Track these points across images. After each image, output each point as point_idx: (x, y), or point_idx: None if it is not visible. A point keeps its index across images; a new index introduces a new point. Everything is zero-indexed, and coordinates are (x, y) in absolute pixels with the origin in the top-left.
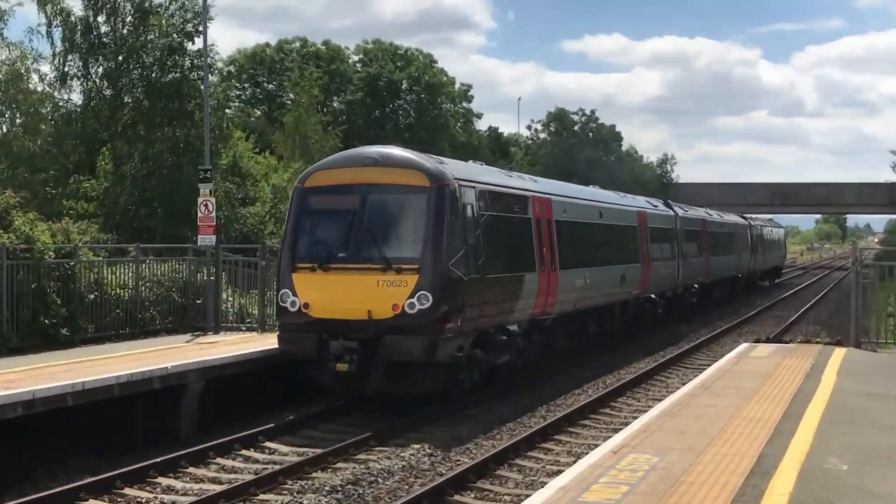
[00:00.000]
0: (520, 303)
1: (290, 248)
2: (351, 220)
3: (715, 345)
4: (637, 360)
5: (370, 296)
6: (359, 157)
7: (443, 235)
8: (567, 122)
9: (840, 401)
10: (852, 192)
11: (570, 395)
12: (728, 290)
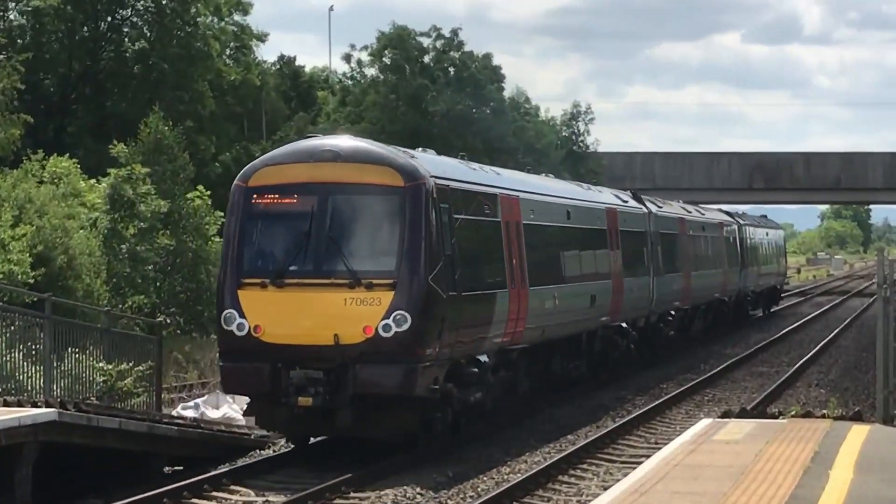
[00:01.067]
0: (491, 328)
1: (233, 261)
2: (309, 226)
3: (661, 419)
4: (546, 442)
5: (336, 316)
6: (315, 150)
7: (421, 244)
8: (411, 51)
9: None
10: (879, 168)
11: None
12: (710, 320)
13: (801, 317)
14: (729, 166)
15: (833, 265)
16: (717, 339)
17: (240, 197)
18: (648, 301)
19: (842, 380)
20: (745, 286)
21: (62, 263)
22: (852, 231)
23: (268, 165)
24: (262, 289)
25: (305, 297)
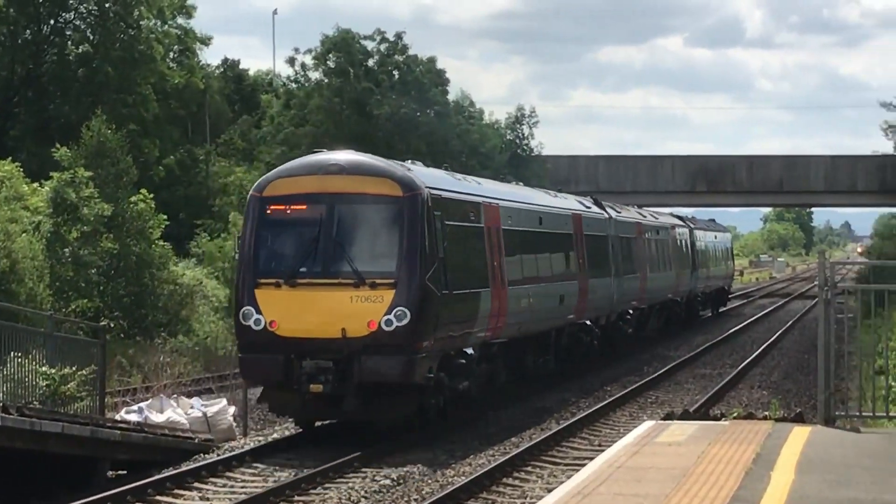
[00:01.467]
0: (476, 323)
1: (250, 263)
2: (318, 232)
3: (605, 421)
4: (490, 444)
5: (343, 313)
6: (323, 164)
7: (419, 248)
8: (355, 54)
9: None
10: (821, 171)
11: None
12: (664, 319)
13: (744, 319)
14: (672, 170)
15: (776, 268)
16: (660, 342)
17: (255, 206)
18: (610, 301)
19: (784, 381)
20: (696, 287)
21: (5, 267)
22: (794, 234)
23: (280, 178)
24: (277, 288)
25: (315, 295)
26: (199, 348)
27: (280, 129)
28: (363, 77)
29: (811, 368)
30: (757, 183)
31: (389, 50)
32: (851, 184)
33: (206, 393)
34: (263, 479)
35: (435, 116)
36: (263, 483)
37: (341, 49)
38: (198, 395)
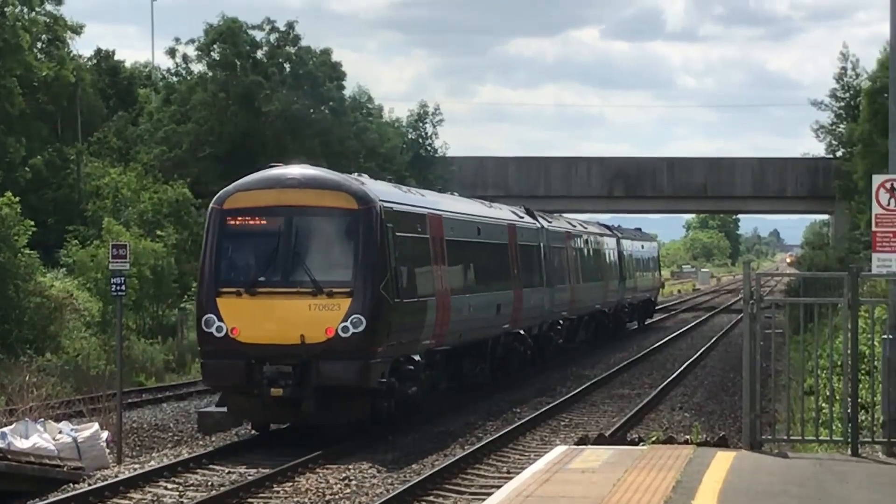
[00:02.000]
0: (423, 331)
1: (211, 272)
2: (277, 243)
3: (514, 445)
4: (389, 472)
5: (302, 320)
6: (280, 178)
7: (373, 258)
8: (242, 45)
9: None
10: (747, 175)
11: None
12: (592, 330)
13: (666, 334)
14: (588, 172)
15: (699, 279)
16: (575, 360)
17: (215, 218)
18: (542, 310)
19: (707, 403)
20: (624, 298)
21: None
22: (720, 242)
23: (240, 191)
24: (238, 297)
25: (275, 303)
26: (70, 367)
27: (159, 127)
28: (251, 70)
29: (736, 388)
30: (679, 187)
31: (280, 41)
32: (780, 189)
33: (77, 416)
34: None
35: (330, 113)
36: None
37: (227, 39)
38: (67, 418)
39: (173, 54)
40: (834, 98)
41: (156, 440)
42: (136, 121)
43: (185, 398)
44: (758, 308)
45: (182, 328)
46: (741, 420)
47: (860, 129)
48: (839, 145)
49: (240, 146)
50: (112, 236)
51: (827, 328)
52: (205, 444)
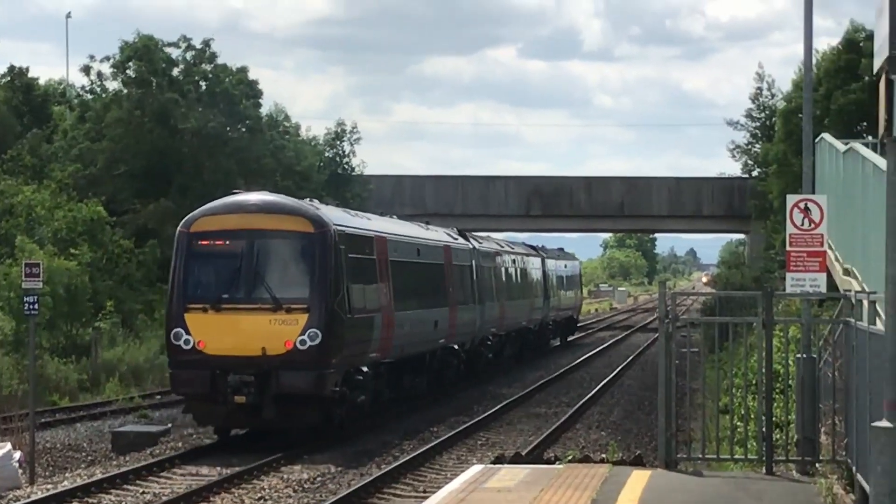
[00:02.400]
0: (371, 344)
1: (179, 290)
2: (240, 263)
3: (430, 465)
4: (304, 492)
5: (263, 333)
6: (242, 203)
7: (328, 277)
8: (158, 63)
9: None
10: (664, 194)
11: None
12: (518, 346)
13: (583, 353)
14: (505, 191)
15: (616, 297)
16: (492, 378)
17: (183, 240)
18: (474, 326)
19: (623, 421)
20: (548, 315)
21: None
22: (637, 261)
23: (206, 215)
24: (204, 312)
25: (238, 318)
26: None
27: (74, 144)
28: (167, 87)
29: (653, 407)
30: (596, 206)
31: (196, 58)
32: (697, 208)
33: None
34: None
35: (246, 132)
36: None
37: (143, 57)
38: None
39: (88, 72)
40: (750, 118)
41: (69, 460)
42: (50, 138)
43: (99, 418)
44: (673, 327)
45: (96, 347)
46: (657, 439)
47: (775, 150)
48: (755, 165)
49: (155, 164)
50: (25, 255)
51: (742, 347)
52: (119, 465)
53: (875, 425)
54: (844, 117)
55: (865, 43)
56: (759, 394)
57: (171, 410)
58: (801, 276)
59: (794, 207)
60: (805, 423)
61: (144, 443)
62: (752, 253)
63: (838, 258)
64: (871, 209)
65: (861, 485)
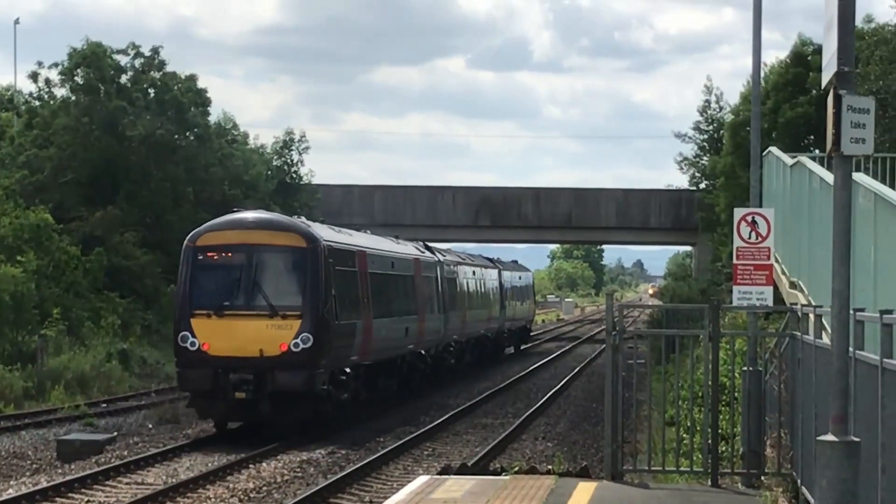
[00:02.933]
0: (353, 348)
1: (186, 298)
2: (240, 274)
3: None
4: (249, 502)
5: (260, 337)
6: (242, 220)
7: (319, 287)
8: (107, 70)
9: None
10: (612, 206)
11: None
12: (477, 353)
13: (530, 364)
14: (454, 201)
15: (564, 309)
16: (439, 389)
17: (189, 254)
18: (439, 334)
19: (570, 433)
20: (504, 324)
21: None
22: (584, 272)
23: (209, 231)
24: (208, 318)
25: (238, 323)
26: None
27: (21, 151)
28: (115, 95)
29: (599, 418)
30: (545, 218)
31: (145, 66)
32: (644, 220)
33: None
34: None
35: (195, 140)
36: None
37: (91, 64)
38: None
39: (35, 78)
40: (698, 131)
41: (14, 468)
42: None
43: (44, 426)
44: (620, 339)
45: (42, 355)
46: (603, 450)
47: (723, 162)
48: (702, 178)
49: (103, 171)
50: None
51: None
52: (64, 473)
53: (820, 439)
54: (792, 131)
55: (813, 57)
56: (705, 406)
57: (117, 419)
58: (748, 289)
59: (742, 221)
60: (751, 436)
61: (90, 451)
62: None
63: (785, 271)
64: (817, 223)
65: (806, 498)
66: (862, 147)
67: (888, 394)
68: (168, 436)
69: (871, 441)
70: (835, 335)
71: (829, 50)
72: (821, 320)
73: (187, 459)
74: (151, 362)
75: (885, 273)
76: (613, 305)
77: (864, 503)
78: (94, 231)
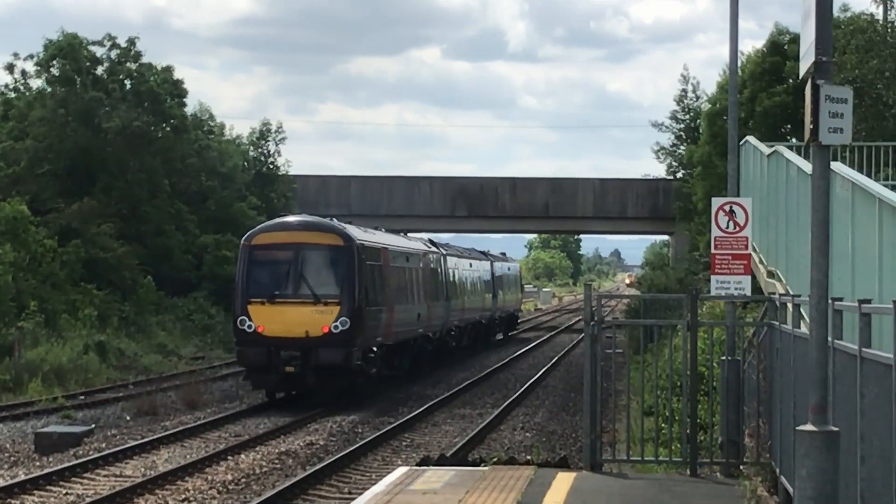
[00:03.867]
0: (379, 330)
1: (243, 288)
2: (288, 268)
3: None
4: (228, 493)
5: (306, 320)
6: (289, 224)
7: (353, 279)
8: (83, 61)
9: None
10: (589, 196)
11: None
12: (473, 336)
13: (507, 354)
14: (431, 192)
15: (541, 298)
16: (417, 380)
17: (246, 251)
18: (443, 319)
19: (548, 423)
20: (495, 312)
21: None
22: (561, 262)
23: (262, 232)
24: (262, 304)
25: (288, 309)
26: None
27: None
28: (91, 86)
29: (578, 408)
30: (521, 207)
31: (121, 57)
32: (621, 209)
33: None
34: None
35: (171, 131)
36: None
37: (67, 55)
38: None
39: (11, 70)
40: (675, 120)
41: None
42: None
43: (21, 418)
44: (598, 329)
45: (19, 347)
46: (582, 440)
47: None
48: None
49: (80, 163)
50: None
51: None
52: (42, 465)
53: (800, 429)
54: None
55: (790, 46)
56: (684, 396)
57: (95, 411)
58: (726, 278)
59: (719, 210)
60: (729, 426)
61: (68, 443)
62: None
63: (763, 260)
64: (795, 212)
65: (785, 487)
66: (840, 137)
67: (867, 383)
68: (146, 428)
69: (850, 430)
70: (813, 325)
71: (806, 40)
72: (799, 310)
73: (166, 451)
74: (129, 354)
75: (862, 262)
76: (591, 295)
77: (844, 492)
78: (71, 223)
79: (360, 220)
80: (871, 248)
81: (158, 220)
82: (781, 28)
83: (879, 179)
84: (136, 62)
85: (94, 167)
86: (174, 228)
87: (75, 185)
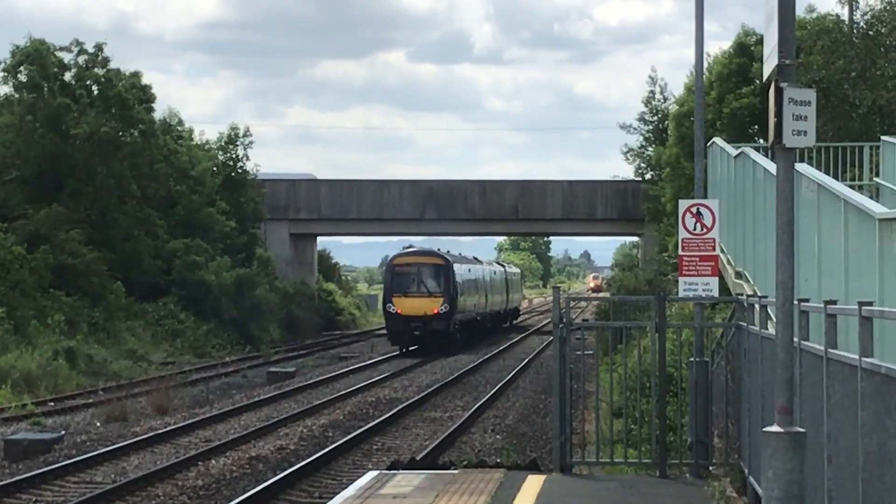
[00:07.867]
0: (463, 313)
1: (390, 288)
2: (414, 277)
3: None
4: (197, 499)
5: (426, 305)
6: (417, 252)
7: (450, 283)
8: (50, 67)
9: None
10: (558, 198)
11: None
12: (496, 321)
13: (477, 357)
14: (400, 195)
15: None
16: (386, 382)
17: (391, 267)
18: (482, 308)
19: (519, 425)
20: (506, 305)
21: None
22: (531, 264)
23: (399, 256)
24: (401, 297)
25: (415, 299)
26: None
27: None
28: (59, 92)
29: (548, 410)
30: (491, 210)
31: (88, 62)
32: (590, 211)
33: None
34: None
35: (140, 136)
36: None
37: (34, 61)
38: None
39: None
40: (643, 121)
41: None
42: None
43: None
44: (567, 331)
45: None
46: (552, 442)
47: (668, 153)
48: (648, 168)
49: (48, 169)
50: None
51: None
52: (12, 473)
53: (766, 430)
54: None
55: (756, 47)
56: (653, 397)
57: (64, 417)
58: (694, 280)
59: (687, 212)
60: (698, 427)
61: (38, 450)
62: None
63: (730, 261)
64: (761, 213)
65: (754, 488)
66: (804, 139)
67: (833, 384)
68: (116, 434)
69: (816, 431)
70: (779, 326)
71: (769, 42)
72: (766, 311)
73: (136, 457)
74: (99, 360)
75: (828, 262)
76: (560, 298)
77: (811, 493)
78: (40, 229)
79: (330, 223)
80: (838, 249)
81: (127, 225)
82: (748, 29)
83: (846, 180)
84: (104, 68)
85: (63, 173)
86: (143, 234)
87: (43, 191)
